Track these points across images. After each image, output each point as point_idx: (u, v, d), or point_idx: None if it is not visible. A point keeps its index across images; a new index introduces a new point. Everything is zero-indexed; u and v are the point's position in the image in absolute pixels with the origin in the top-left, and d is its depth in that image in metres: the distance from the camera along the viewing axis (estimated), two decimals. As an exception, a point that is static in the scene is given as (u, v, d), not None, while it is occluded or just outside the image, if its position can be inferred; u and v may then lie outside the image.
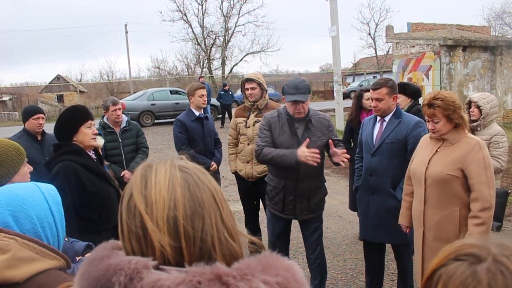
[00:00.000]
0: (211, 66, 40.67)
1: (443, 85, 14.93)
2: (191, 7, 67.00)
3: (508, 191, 4.03)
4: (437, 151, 3.15)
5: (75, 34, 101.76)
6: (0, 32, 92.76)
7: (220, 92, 19.98)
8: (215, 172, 5.15)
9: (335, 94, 16.61)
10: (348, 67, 51.53)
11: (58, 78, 47.71)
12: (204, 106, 5.24)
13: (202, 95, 5.18)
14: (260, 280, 0.84)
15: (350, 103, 6.17)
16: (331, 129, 3.90)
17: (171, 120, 19.16)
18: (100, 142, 4.23)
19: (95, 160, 3.14)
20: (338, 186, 8.64)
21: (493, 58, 15.96)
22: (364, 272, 4.36)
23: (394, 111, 3.80)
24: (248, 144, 4.94)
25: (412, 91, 5.13)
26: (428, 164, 3.15)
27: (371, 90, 3.90)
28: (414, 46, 16.18)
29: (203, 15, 39.12)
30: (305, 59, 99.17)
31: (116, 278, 0.84)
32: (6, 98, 37.29)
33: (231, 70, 42.06)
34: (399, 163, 3.64)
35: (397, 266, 4.07)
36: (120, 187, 3.36)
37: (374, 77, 39.65)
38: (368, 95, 4.58)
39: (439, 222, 3.12)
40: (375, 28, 46.66)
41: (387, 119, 3.80)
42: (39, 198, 1.61)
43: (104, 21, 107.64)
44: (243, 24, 40.98)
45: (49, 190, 1.68)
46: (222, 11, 39.56)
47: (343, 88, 22.52)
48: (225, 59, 40.82)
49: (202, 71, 40.62)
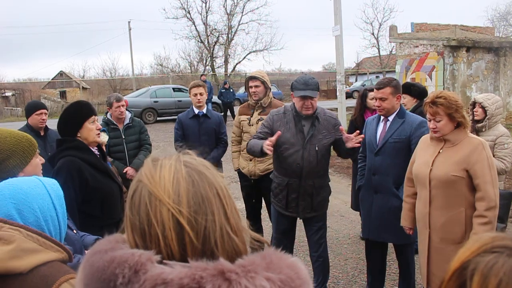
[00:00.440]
0: (214, 64, 40.69)
1: (446, 85, 14.91)
2: (195, 5, 67.02)
3: None
4: (440, 152, 3.14)
5: (78, 31, 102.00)
6: (3, 28, 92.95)
7: (221, 90, 19.98)
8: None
9: (338, 94, 16.56)
10: (351, 66, 51.54)
11: (61, 74, 47.77)
12: (199, 104, 5.20)
13: (196, 94, 5.18)
14: (263, 277, 0.84)
15: (353, 102, 6.17)
16: (338, 127, 3.87)
17: (174, 117, 19.18)
18: (105, 138, 4.22)
19: (98, 156, 3.14)
20: (340, 186, 8.63)
21: (496, 59, 15.93)
22: (366, 271, 4.36)
23: (398, 110, 3.80)
24: (251, 142, 4.94)
25: (417, 91, 5.10)
26: (432, 166, 3.14)
27: (375, 90, 3.89)
28: (417, 46, 16.16)
29: (206, 13, 39.18)
30: (308, 58, 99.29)
31: (120, 270, 0.84)
32: (9, 94, 37.36)
33: (234, 68, 42.10)
34: (402, 163, 3.63)
35: (399, 266, 4.06)
36: (123, 184, 3.37)
37: (377, 77, 39.65)
38: (372, 94, 4.57)
39: (445, 223, 3.11)
40: (379, 28, 46.67)
41: (390, 118, 3.80)
42: (42, 192, 1.63)
43: (107, 18, 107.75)
44: (246, 22, 41.10)
45: (51, 184, 1.71)
46: (226, 9, 39.61)
47: (346, 87, 22.48)
48: (228, 57, 40.84)
49: (205, 69, 40.64)
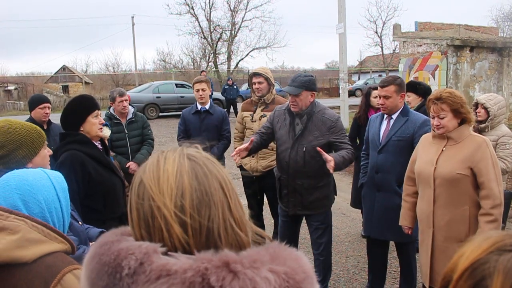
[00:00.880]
0: (217, 60, 40.70)
1: (449, 85, 14.86)
2: (199, 1, 66.89)
3: None
4: (443, 150, 3.13)
5: (82, 25, 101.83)
6: (6, 21, 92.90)
7: (225, 87, 19.95)
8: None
9: (340, 92, 16.54)
10: (354, 65, 51.42)
11: (64, 68, 47.75)
12: (202, 101, 5.23)
13: (198, 90, 5.20)
14: (268, 269, 0.84)
15: (355, 101, 6.16)
16: (334, 130, 3.77)
17: (176, 113, 19.19)
18: (107, 133, 4.24)
19: (101, 150, 3.15)
20: (341, 184, 8.61)
21: (500, 59, 15.87)
22: (366, 269, 4.37)
23: (401, 109, 3.80)
24: (253, 138, 4.94)
25: (423, 90, 5.11)
26: (436, 164, 3.13)
27: (379, 88, 3.89)
28: (421, 46, 16.11)
29: (210, 9, 39.18)
30: (311, 55, 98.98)
31: (126, 262, 0.85)
32: (11, 88, 37.35)
33: (237, 65, 42.10)
34: (405, 161, 3.63)
35: (400, 264, 4.06)
36: (126, 178, 3.37)
37: (380, 75, 39.57)
38: (376, 92, 4.56)
39: (449, 221, 3.10)
40: (382, 26, 46.61)
41: (394, 116, 3.80)
42: (47, 184, 1.66)
43: (111, 13, 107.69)
44: (250, 19, 41.04)
45: (56, 177, 1.74)
46: (229, 6, 39.61)
47: (349, 86, 22.45)
48: (231, 53, 40.83)
49: (207, 65, 40.65)
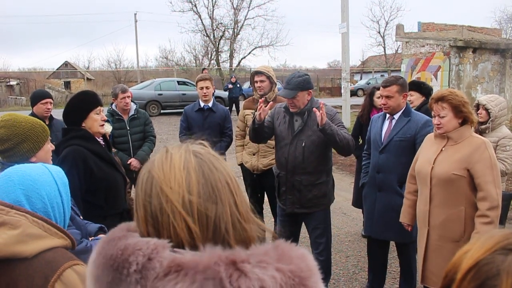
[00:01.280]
0: (219, 58, 40.64)
1: (451, 86, 14.83)
2: (201, -1, 66.83)
3: None
4: (442, 150, 3.14)
5: (84, 21, 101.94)
6: (9, 17, 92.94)
7: (228, 85, 19.94)
8: None
9: (342, 91, 16.53)
10: (356, 64, 51.36)
11: (66, 64, 47.72)
12: (206, 98, 5.23)
13: (202, 87, 5.20)
14: (274, 268, 0.85)
15: (357, 100, 6.16)
16: (332, 121, 3.75)
17: (177, 110, 19.18)
18: (108, 129, 4.23)
19: (103, 146, 3.15)
20: (342, 183, 8.62)
21: (503, 61, 15.84)
22: (367, 269, 4.37)
23: (403, 109, 3.79)
24: (254, 137, 4.94)
25: (427, 90, 5.11)
26: (433, 164, 3.14)
27: (381, 88, 3.88)
28: (423, 46, 16.08)
29: (213, 6, 39.08)
30: (313, 54, 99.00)
31: (133, 257, 0.85)
32: (13, 83, 37.36)
33: (239, 63, 42.06)
34: (406, 161, 3.63)
35: (400, 264, 4.07)
36: (127, 175, 3.38)
37: (382, 75, 39.53)
38: (379, 93, 4.55)
39: (444, 221, 3.12)
40: (385, 26, 46.50)
41: (396, 116, 3.79)
42: (49, 179, 1.66)
43: (114, 9, 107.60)
44: (252, 18, 40.94)
45: (57, 172, 1.74)
46: (232, 4, 39.50)
47: (351, 85, 22.42)
48: (233, 52, 40.78)
49: (210, 63, 40.61)
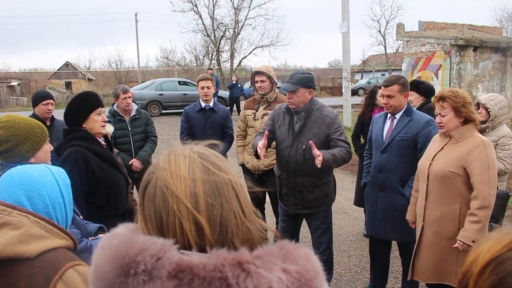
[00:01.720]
0: (220, 58, 40.67)
1: (452, 85, 14.82)
2: (202, -2, 66.83)
3: (509, 193, 3.99)
4: (442, 148, 3.18)
5: (85, 22, 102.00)
6: (10, 17, 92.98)
7: (228, 85, 19.95)
8: None
9: (343, 91, 16.55)
10: (356, 64, 51.33)
11: (67, 65, 47.79)
12: (207, 98, 5.20)
13: (204, 87, 5.18)
14: (280, 268, 0.85)
15: (358, 100, 6.16)
16: (332, 126, 3.75)
17: (178, 111, 19.17)
18: (110, 129, 4.23)
19: (105, 147, 3.15)
20: (344, 182, 8.63)
21: (504, 59, 15.82)
22: (369, 268, 4.37)
23: (405, 108, 3.79)
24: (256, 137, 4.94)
25: (425, 89, 5.10)
26: (432, 160, 3.19)
27: (382, 87, 3.87)
28: (424, 45, 16.07)
29: (213, 6, 39.14)
30: (314, 54, 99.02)
31: (141, 257, 0.84)
32: (14, 83, 37.39)
33: (240, 63, 42.11)
34: (408, 161, 3.63)
35: (402, 264, 4.05)
36: (128, 175, 3.38)
37: (383, 74, 39.56)
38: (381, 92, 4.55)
39: (439, 218, 3.16)
40: (386, 25, 46.63)
41: (397, 116, 3.79)
42: (50, 180, 1.67)
43: (114, 9, 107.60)
44: (253, 17, 41.06)
45: (59, 173, 1.75)
46: (233, 4, 39.58)
47: (352, 85, 22.42)
48: (234, 51, 40.81)
49: (210, 63, 40.64)
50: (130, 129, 5.25)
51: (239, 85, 19.91)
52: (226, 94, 20.91)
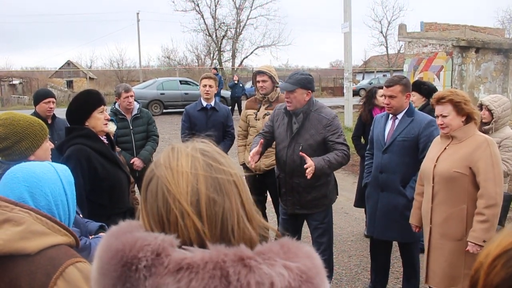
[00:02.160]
0: (222, 58, 40.67)
1: (454, 86, 14.80)
2: (204, -2, 66.62)
3: None
4: (445, 148, 3.17)
5: (87, 20, 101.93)
6: (12, 16, 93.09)
7: (229, 85, 19.95)
8: None
9: (345, 91, 16.53)
10: (358, 64, 51.30)
11: (69, 63, 47.78)
12: (208, 96, 5.18)
13: (206, 85, 5.17)
14: (282, 264, 0.85)
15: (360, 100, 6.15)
16: (329, 128, 3.72)
17: (180, 110, 19.17)
18: (112, 128, 4.24)
19: (107, 145, 3.15)
20: (344, 183, 8.61)
21: (506, 61, 15.79)
22: (369, 269, 4.37)
23: (406, 109, 3.79)
24: (257, 137, 4.94)
25: (427, 90, 5.09)
26: (436, 162, 3.17)
27: (384, 87, 3.88)
28: (426, 46, 16.05)
29: (215, 6, 39.14)
30: (315, 54, 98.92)
31: (143, 253, 0.85)
32: (16, 82, 37.43)
33: (241, 62, 42.08)
34: (410, 161, 3.63)
35: (403, 264, 4.06)
36: (130, 174, 3.38)
37: (384, 75, 39.50)
38: (382, 92, 4.55)
39: (446, 219, 3.13)
40: (388, 26, 46.66)
41: (399, 117, 3.79)
42: (54, 177, 1.67)
43: (116, 8, 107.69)
44: (255, 17, 41.11)
45: (63, 170, 1.75)
46: (235, 3, 39.56)
47: (353, 85, 22.40)
48: (235, 51, 40.81)
49: (212, 63, 40.63)
50: (131, 128, 5.25)
51: (241, 84, 19.89)
52: (227, 93, 20.91)
